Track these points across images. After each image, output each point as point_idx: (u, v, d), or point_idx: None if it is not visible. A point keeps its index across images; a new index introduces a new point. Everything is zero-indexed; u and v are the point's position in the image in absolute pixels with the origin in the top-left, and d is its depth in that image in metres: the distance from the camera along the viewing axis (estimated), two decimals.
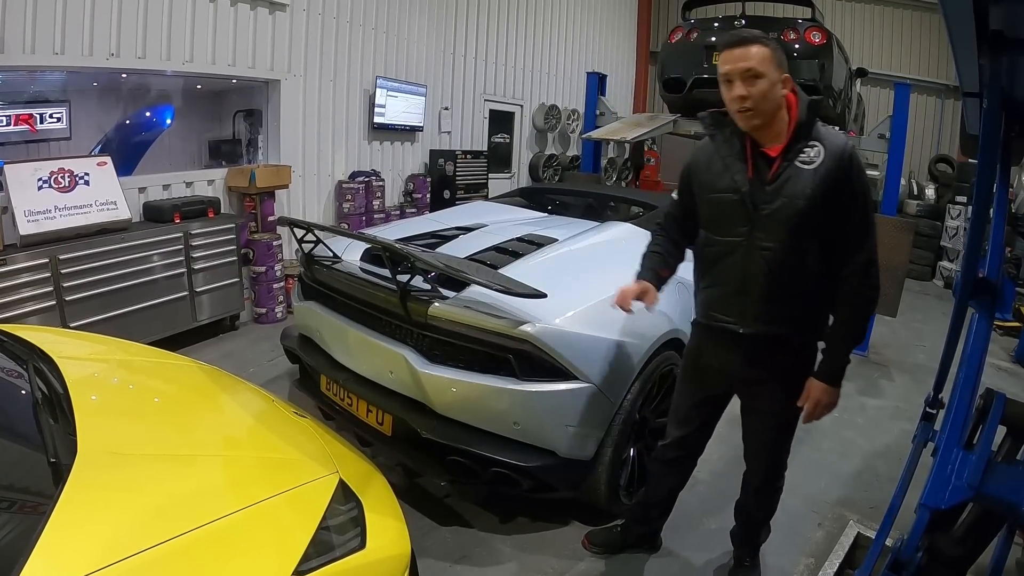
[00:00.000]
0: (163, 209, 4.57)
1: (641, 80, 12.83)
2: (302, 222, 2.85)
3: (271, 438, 2.00)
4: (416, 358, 2.44)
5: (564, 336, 2.31)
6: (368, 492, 1.90)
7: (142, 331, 4.19)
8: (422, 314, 2.40)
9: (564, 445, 2.38)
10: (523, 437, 2.35)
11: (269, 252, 5.26)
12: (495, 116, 8.96)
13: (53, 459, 1.51)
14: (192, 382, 2.37)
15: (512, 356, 2.28)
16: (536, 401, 2.29)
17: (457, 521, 2.74)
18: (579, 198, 4.63)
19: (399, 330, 2.56)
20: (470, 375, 2.34)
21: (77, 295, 3.90)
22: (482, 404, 2.34)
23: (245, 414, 2.20)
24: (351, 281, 2.76)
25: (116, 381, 2.27)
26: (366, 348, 2.67)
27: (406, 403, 2.55)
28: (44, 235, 3.88)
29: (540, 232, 3.32)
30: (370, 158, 6.87)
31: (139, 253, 4.23)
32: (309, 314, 3.03)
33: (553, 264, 2.77)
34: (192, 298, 4.60)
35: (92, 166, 4.31)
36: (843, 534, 2.74)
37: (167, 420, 1.98)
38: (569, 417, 2.35)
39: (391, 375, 2.56)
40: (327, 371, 2.85)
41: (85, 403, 1.83)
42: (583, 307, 2.45)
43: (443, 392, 2.39)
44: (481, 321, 2.30)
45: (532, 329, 2.25)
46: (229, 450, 1.86)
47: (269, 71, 5.65)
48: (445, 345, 2.41)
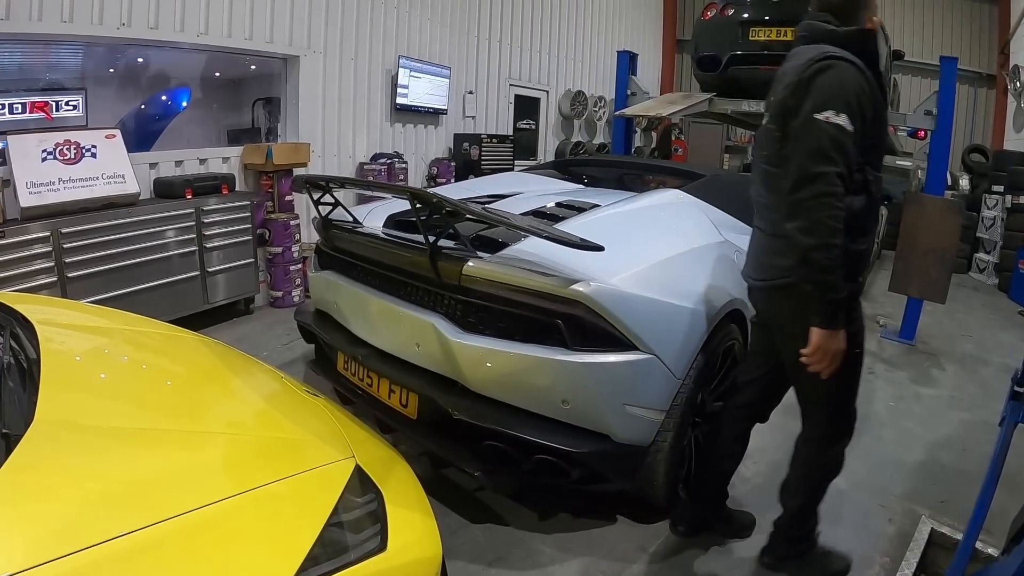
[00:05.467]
0: (174, 184, 4.31)
1: (668, 66, 12.50)
2: (320, 177, 2.53)
3: (275, 416, 1.69)
4: (447, 326, 2.10)
5: (623, 298, 1.97)
6: (390, 481, 1.58)
7: (149, 312, 3.80)
8: (455, 274, 2.06)
9: (621, 427, 2.03)
10: (573, 418, 2.00)
11: (286, 232, 4.99)
12: (520, 101, 8.69)
13: (4, 431, 1.22)
14: (190, 355, 2.08)
15: (561, 321, 1.93)
16: (589, 375, 1.94)
17: (490, 518, 2.41)
18: (616, 170, 4.28)
19: (427, 296, 2.23)
20: (510, 345, 2.00)
21: (80, 271, 3.65)
22: (525, 379, 2.00)
23: (247, 389, 1.89)
24: (373, 244, 2.45)
25: (104, 351, 1.96)
26: (389, 318, 2.34)
27: (435, 380, 2.21)
28: (47, 208, 3.66)
29: (580, 199, 2.98)
30: (392, 140, 6.59)
31: (147, 229, 3.97)
32: (326, 285, 2.72)
33: (603, 224, 2.40)
34: (203, 278, 4.33)
35: (100, 138, 4.09)
36: (917, 531, 2.44)
37: (152, 392, 1.68)
38: (627, 394, 2.00)
39: (418, 348, 2.23)
40: (345, 348, 2.54)
41: (57, 371, 1.54)
42: (642, 267, 2.12)
43: (478, 365, 2.05)
44: (524, 280, 1.96)
45: (587, 289, 1.90)
46: (222, 427, 1.55)
47: (288, 46, 5.37)
48: (481, 311, 2.07)
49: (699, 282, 2.32)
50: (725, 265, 2.59)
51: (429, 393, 2.16)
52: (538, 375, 1.97)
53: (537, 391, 2.00)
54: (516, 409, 2.04)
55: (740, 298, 2.54)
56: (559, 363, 1.93)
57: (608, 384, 1.97)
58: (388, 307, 2.31)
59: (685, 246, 2.43)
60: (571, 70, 9.53)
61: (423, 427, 2.25)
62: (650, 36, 11.79)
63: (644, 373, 2.03)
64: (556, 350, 1.95)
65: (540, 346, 1.97)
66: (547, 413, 2.02)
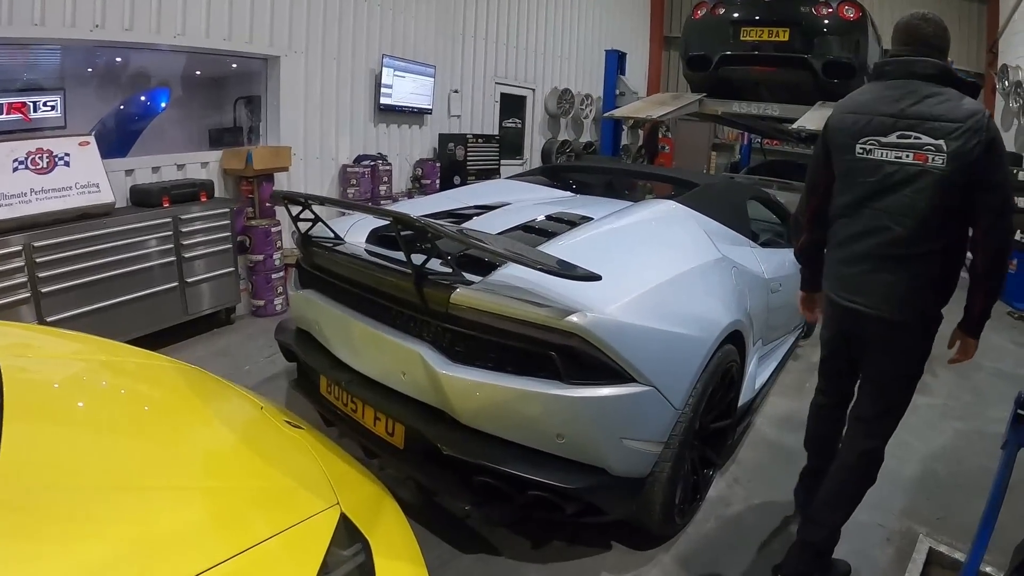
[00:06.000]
0: (151, 192, 4.16)
1: (655, 64, 12.42)
2: (299, 195, 2.42)
3: (254, 461, 1.59)
4: (434, 356, 2.01)
5: (621, 328, 1.89)
6: (378, 528, 1.50)
7: (128, 326, 3.79)
8: (442, 302, 1.97)
9: (618, 461, 1.96)
10: (568, 452, 1.92)
11: (267, 239, 4.85)
12: (506, 100, 8.57)
13: None
14: (163, 390, 1.96)
15: (555, 353, 1.84)
16: (586, 409, 1.85)
17: (482, 547, 2.33)
18: (607, 177, 4.20)
19: (414, 322, 2.13)
20: (502, 377, 1.91)
21: (54, 286, 3.51)
22: (517, 413, 1.91)
23: (224, 428, 1.79)
24: (355, 264, 2.34)
25: (72, 391, 1.84)
26: (373, 344, 2.25)
27: (422, 411, 2.12)
28: (18, 220, 3.51)
29: (571, 211, 2.90)
30: (377, 141, 6.45)
31: (123, 240, 3.82)
32: (306, 304, 2.62)
33: (594, 244, 2.32)
34: (183, 289, 4.19)
35: (73, 146, 3.94)
36: (915, 550, 2.41)
37: (124, 439, 1.56)
38: (625, 428, 1.93)
39: (404, 377, 2.14)
40: (328, 371, 2.44)
41: (20, 420, 1.42)
42: (640, 292, 2.04)
43: (468, 398, 1.96)
44: (516, 310, 1.87)
45: (583, 320, 1.82)
46: (198, 479, 1.44)
47: (268, 47, 5.23)
48: (470, 340, 1.98)
49: (699, 305, 2.25)
50: (725, 284, 2.52)
51: (416, 425, 2.07)
52: (531, 409, 1.88)
53: (530, 425, 1.92)
54: (508, 443, 1.96)
55: (740, 319, 2.47)
56: (553, 397, 1.84)
57: (605, 418, 1.89)
58: (372, 333, 2.22)
59: (684, 265, 2.35)
60: (557, 68, 9.41)
61: (410, 457, 2.16)
62: (638, 33, 11.70)
63: (642, 406, 1.96)
64: (550, 383, 1.87)
65: (533, 379, 1.88)
66: (541, 447, 1.93)
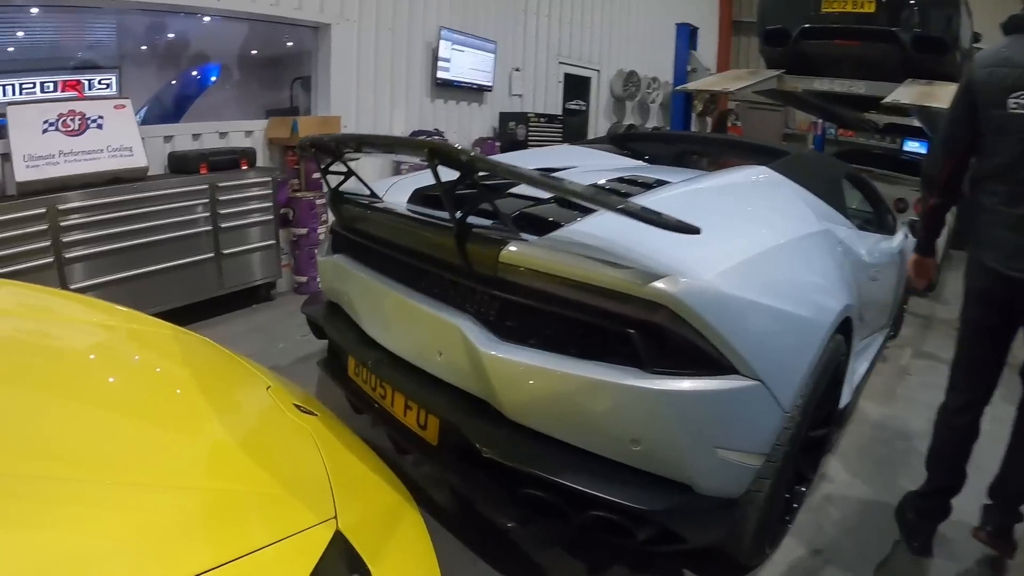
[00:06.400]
0: (188, 158, 3.92)
1: (724, 49, 11.83)
2: (327, 138, 2.05)
3: (238, 456, 1.21)
4: (477, 332, 1.60)
5: (723, 301, 1.44)
6: (387, 553, 1.13)
7: (158, 297, 3.55)
8: (490, 261, 1.55)
9: (707, 477, 1.50)
10: (644, 463, 1.48)
11: (312, 212, 4.57)
12: (570, 81, 8.13)
13: None
14: (155, 358, 1.63)
15: (636, 332, 1.40)
16: (672, 407, 1.41)
17: (529, 571, 1.92)
18: (682, 146, 3.71)
19: (454, 290, 1.73)
20: (562, 362, 1.48)
21: (79, 251, 3.29)
22: (580, 409, 1.47)
23: (214, 411, 1.42)
24: (388, 221, 1.98)
25: (60, 359, 1.52)
26: (406, 317, 1.86)
27: (461, 401, 1.71)
28: (45, 183, 3.32)
29: (647, 175, 2.45)
30: (433, 117, 6.11)
31: (155, 206, 3.59)
32: (335, 271, 2.26)
33: (680, 201, 1.87)
34: (218, 261, 3.93)
35: (108, 109, 3.72)
36: None
37: (87, 414, 1.22)
38: (720, 433, 1.48)
39: (440, 358, 1.74)
40: (355, 350, 2.07)
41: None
42: (742, 259, 1.59)
43: (517, 387, 1.54)
44: (586, 272, 1.43)
45: (674, 288, 1.37)
46: (156, 475, 1.07)
47: (318, 13, 4.94)
48: (523, 313, 1.56)
49: (812, 282, 1.80)
50: (834, 261, 2.04)
51: (452, 418, 1.67)
52: (599, 404, 1.44)
53: (596, 426, 1.48)
54: (566, 447, 1.52)
55: (852, 303, 2.00)
56: (630, 390, 1.40)
57: (697, 420, 1.43)
58: (405, 303, 1.83)
59: (790, 234, 1.88)
60: (623, 49, 8.90)
61: (445, 456, 1.76)
62: (707, 17, 11.05)
63: (745, 406, 1.50)
64: (626, 371, 1.42)
65: (603, 365, 1.44)
66: (608, 455, 1.49)
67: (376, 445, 2.44)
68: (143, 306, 1.96)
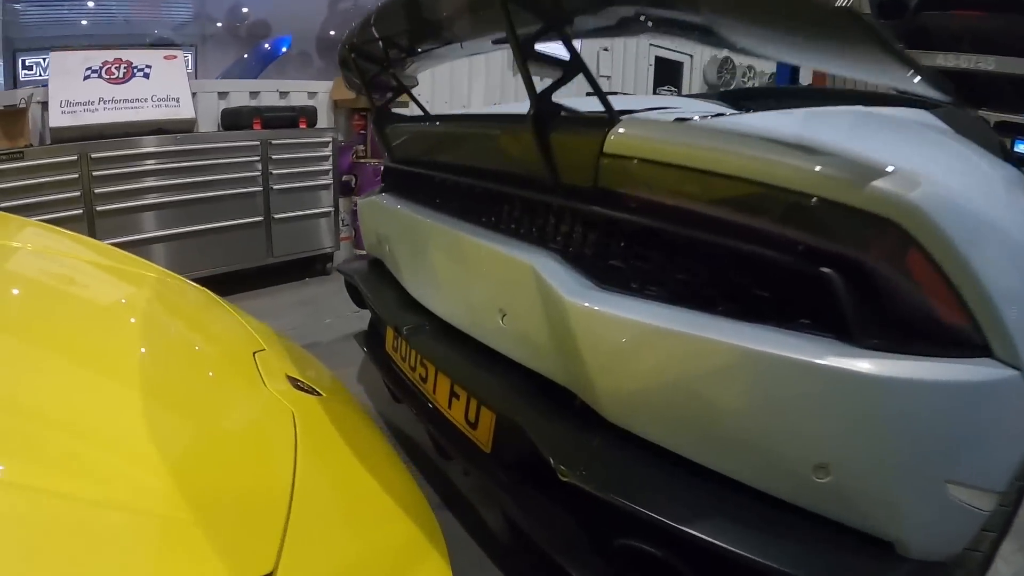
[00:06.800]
0: (240, 114, 3.57)
1: None
2: (373, 38, 1.54)
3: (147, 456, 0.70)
4: (562, 274, 1.01)
5: (985, 230, 0.83)
6: None
7: (197, 260, 3.19)
8: (588, 156, 0.97)
9: (926, 529, 0.85)
10: (829, 505, 0.83)
11: (377, 180, 4.11)
12: (661, 65, 7.54)
13: None
14: (123, 306, 1.17)
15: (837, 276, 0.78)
16: (905, 410, 0.77)
17: None
18: (808, 102, 3.02)
19: (527, 214, 1.17)
20: (703, 323, 0.87)
21: (111, 204, 2.95)
22: (732, 408, 0.85)
23: (148, 378, 0.90)
24: (441, 132, 1.46)
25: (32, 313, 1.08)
26: (459, 262, 1.32)
27: (530, 387, 1.13)
28: (80, 129, 3.04)
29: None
30: (515, 92, 5.65)
31: (199, 160, 3.22)
32: (376, 213, 1.77)
33: (848, 121, 1.24)
34: (268, 226, 3.53)
35: (157, 59, 3.43)
36: None
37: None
38: (962, 456, 0.83)
39: (503, 321, 1.17)
40: (391, 314, 1.55)
41: None
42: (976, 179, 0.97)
43: (623, 363, 0.93)
44: (754, 165, 0.83)
45: (915, 192, 0.75)
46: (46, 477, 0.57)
47: None
48: (638, 244, 0.97)
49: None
50: None
51: (515, 414, 1.09)
52: (768, 402, 0.82)
53: (761, 440, 0.84)
54: (698, 472, 0.90)
55: None
56: (828, 377, 0.77)
57: (931, 433, 0.80)
58: (458, 240, 1.28)
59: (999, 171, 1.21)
60: None
61: (500, 470, 1.19)
62: None
63: (999, 410, 0.85)
64: (820, 343, 0.80)
65: (778, 331, 0.83)
66: (771, 490, 0.86)
67: (416, 445, 1.93)
68: (180, 269, 1.51)
